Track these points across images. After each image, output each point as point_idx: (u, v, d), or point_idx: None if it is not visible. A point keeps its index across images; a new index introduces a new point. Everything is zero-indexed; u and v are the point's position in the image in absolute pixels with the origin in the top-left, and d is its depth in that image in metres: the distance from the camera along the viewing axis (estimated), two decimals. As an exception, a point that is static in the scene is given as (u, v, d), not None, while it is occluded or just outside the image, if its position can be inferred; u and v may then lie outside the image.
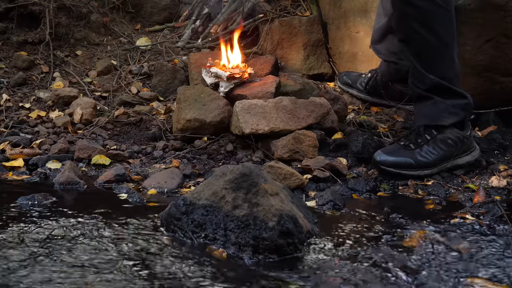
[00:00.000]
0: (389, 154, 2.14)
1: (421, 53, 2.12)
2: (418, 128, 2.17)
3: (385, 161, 2.12)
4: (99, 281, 1.34)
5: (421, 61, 2.12)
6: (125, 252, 1.50)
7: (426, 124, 2.17)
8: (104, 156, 2.28)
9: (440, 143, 2.14)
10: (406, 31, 2.13)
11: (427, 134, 2.15)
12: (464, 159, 2.18)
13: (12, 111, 2.75)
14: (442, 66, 2.12)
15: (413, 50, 2.14)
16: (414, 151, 2.13)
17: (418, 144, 2.14)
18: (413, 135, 2.18)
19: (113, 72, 3.07)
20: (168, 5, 3.56)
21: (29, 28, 3.27)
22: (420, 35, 2.08)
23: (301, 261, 1.48)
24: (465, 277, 1.39)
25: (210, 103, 2.40)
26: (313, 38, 3.06)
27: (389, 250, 1.55)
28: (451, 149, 2.15)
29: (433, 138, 2.14)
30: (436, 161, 2.13)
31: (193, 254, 1.49)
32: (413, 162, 2.11)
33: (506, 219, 1.75)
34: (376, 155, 2.14)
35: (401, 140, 2.20)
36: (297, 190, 2.02)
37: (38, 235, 1.59)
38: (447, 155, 2.15)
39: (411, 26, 2.09)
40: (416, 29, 2.08)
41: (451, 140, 2.15)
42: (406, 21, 2.10)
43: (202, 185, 1.65)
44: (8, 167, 2.23)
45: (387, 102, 2.74)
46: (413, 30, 2.09)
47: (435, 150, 2.13)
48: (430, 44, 2.09)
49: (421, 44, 2.10)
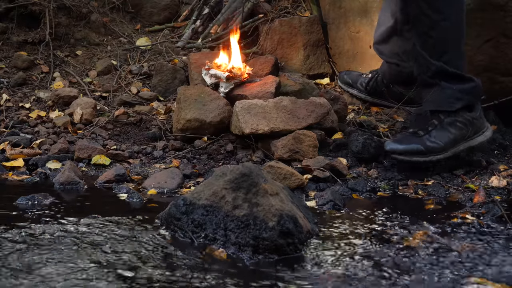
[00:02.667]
0: (398, 143, 2.14)
1: (427, 36, 2.10)
2: (425, 114, 2.17)
3: (396, 149, 2.12)
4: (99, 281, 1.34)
5: (426, 45, 2.10)
6: (124, 253, 1.50)
7: (432, 110, 2.16)
8: (104, 156, 2.28)
9: (449, 126, 2.13)
10: (413, 12, 2.10)
11: (434, 119, 2.15)
12: (477, 140, 2.18)
13: (12, 111, 2.75)
14: (449, 50, 2.10)
15: (418, 33, 2.12)
16: (423, 138, 2.13)
17: (427, 130, 2.14)
18: (421, 122, 2.17)
19: (113, 72, 3.07)
20: (168, 5, 3.56)
21: (29, 28, 3.27)
22: (427, 17, 2.06)
23: (301, 261, 1.48)
24: (465, 277, 1.39)
25: (210, 103, 2.40)
26: (313, 38, 3.06)
27: (389, 250, 1.55)
28: (462, 131, 2.14)
29: (440, 122, 2.14)
30: (447, 145, 2.13)
31: (193, 254, 1.49)
32: (423, 148, 2.11)
33: (506, 219, 1.75)
34: (386, 144, 2.15)
35: (409, 129, 2.19)
36: (297, 190, 2.02)
37: (38, 235, 1.59)
38: (458, 137, 2.14)
39: (419, 6, 2.07)
40: (423, 9, 2.06)
41: (460, 122, 2.14)
42: (415, 1, 2.08)
43: (202, 185, 1.65)
44: (8, 167, 2.23)
45: (387, 102, 2.74)
46: (420, 11, 2.07)
47: (445, 134, 2.12)
48: (438, 26, 2.07)
49: (428, 26, 2.08)
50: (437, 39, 2.09)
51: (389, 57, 2.61)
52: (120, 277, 1.36)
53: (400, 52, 2.55)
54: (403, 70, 2.58)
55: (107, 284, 1.33)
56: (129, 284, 1.33)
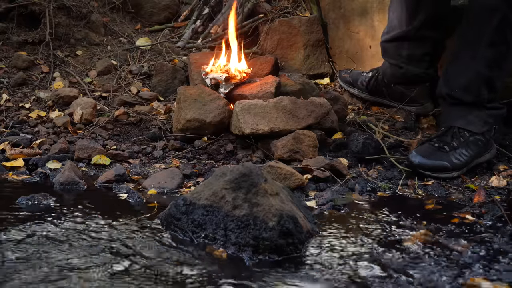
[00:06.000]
0: (425, 157, 2.13)
1: (497, 64, 2.13)
2: (453, 130, 2.19)
3: (424, 165, 2.12)
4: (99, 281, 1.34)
5: (492, 73, 2.13)
6: (124, 252, 1.50)
7: (460, 127, 2.19)
8: (104, 156, 2.28)
9: (472, 144, 2.17)
10: (498, 38, 2.09)
11: (461, 136, 2.17)
12: (485, 157, 2.22)
13: (12, 111, 2.75)
14: (503, 79, 2.18)
15: (491, 59, 2.12)
16: (449, 154, 2.14)
17: (453, 146, 2.16)
18: (448, 136, 2.18)
19: (113, 72, 3.07)
20: (168, 5, 3.56)
21: (29, 28, 3.27)
22: (507, 46, 2.09)
23: (301, 261, 1.48)
24: (465, 277, 1.39)
25: (210, 103, 2.40)
26: (313, 38, 3.06)
27: (389, 250, 1.55)
28: (480, 149, 2.19)
29: (465, 140, 2.17)
30: (467, 162, 2.16)
31: (193, 254, 1.49)
32: (449, 165, 2.13)
33: (506, 219, 1.75)
34: (412, 157, 2.14)
35: (434, 140, 2.19)
36: (297, 190, 2.02)
37: (38, 235, 1.59)
38: (476, 155, 2.19)
39: (504, 33, 2.07)
40: (508, 38, 2.08)
41: (481, 141, 2.19)
42: (505, 27, 2.07)
43: (202, 185, 1.65)
44: (8, 167, 2.23)
45: (388, 101, 2.74)
46: (503, 39, 2.08)
47: (467, 152, 2.16)
48: (508, 57, 2.11)
49: (504, 54, 2.11)
50: (505, 68, 2.15)
51: (393, 57, 2.60)
52: (120, 277, 1.36)
53: (405, 55, 2.54)
54: (406, 72, 2.58)
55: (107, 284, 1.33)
56: (129, 284, 1.33)
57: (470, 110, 2.18)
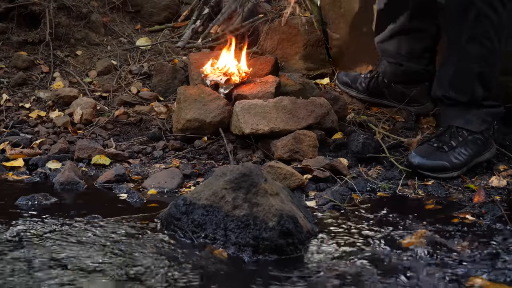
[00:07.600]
0: (424, 158, 2.13)
1: (484, 59, 2.12)
2: (451, 129, 2.18)
3: (423, 165, 2.12)
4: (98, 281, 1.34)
5: (482, 68, 2.12)
6: (124, 252, 1.50)
7: (459, 126, 2.18)
8: (104, 156, 2.28)
9: (471, 143, 2.16)
10: (477, 32, 2.09)
11: (459, 135, 2.17)
12: (485, 156, 2.22)
13: (12, 111, 2.75)
14: (495, 77, 2.16)
15: (476, 55, 2.12)
16: (448, 153, 2.14)
17: (452, 146, 2.15)
18: (447, 136, 2.17)
19: (113, 72, 3.07)
20: (168, 5, 3.56)
21: (29, 28, 3.27)
22: (489, 40, 2.08)
23: (301, 261, 1.48)
24: (465, 277, 1.39)
25: (210, 103, 2.40)
26: (313, 38, 3.06)
27: (389, 250, 1.55)
28: (479, 148, 2.18)
29: (464, 139, 2.16)
30: (466, 161, 2.16)
31: (193, 254, 1.49)
32: (448, 165, 2.12)
33: (506, 219, 1.75)
34: (411, 157, 2.13)
35: (432, 140, 2.19)
36: (297, 190, 2.02)
37: (38, 235, 1.59)
38: (475, 154, 2.18)
39: (483, 27, 2.07)
40: (489, 32, 2.07)
41: (480, 140, 2.18)
42: (483, 21, 2.06)
43: (202, 185, 1.65)
44: (8, 167, 2.23)
45: (388, 102, 2.73)
46: (484, 33, 2.07)
47: (466, 151, 2.15)
48: (493, 51, 2.10)
49: (488, 49, 2.10)
50: (492, 64, 2.13)
51: (393, 56, 2.60)
52: (119, 276, 1.36)
53: (405, 53, 2.54)
54: (407, 70, 2.57)
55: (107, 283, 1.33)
56: (129, 284, 1.33)
57: (468, 109, 2.18)
